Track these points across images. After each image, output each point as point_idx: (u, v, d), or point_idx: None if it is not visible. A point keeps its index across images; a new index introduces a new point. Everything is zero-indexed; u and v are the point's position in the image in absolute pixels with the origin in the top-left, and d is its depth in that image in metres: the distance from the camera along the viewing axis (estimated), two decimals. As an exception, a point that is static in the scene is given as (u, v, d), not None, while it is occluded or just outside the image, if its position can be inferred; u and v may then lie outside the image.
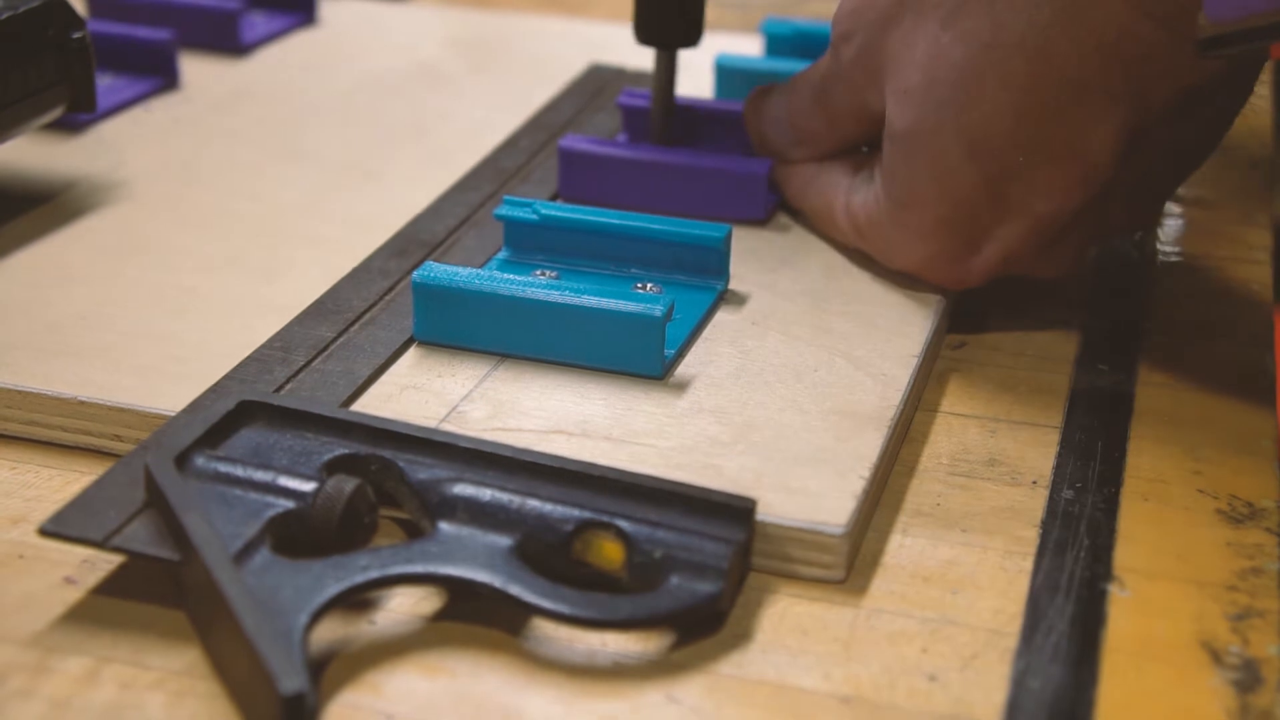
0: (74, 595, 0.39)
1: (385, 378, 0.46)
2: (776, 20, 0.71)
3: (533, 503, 0.39)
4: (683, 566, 0.38)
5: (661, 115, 0.58)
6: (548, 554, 0.38)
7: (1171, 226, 0.61)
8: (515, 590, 0.37)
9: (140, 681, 0.36)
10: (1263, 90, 0.77)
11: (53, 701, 0.35)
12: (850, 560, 0.40)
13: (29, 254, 0.53)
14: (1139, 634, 0.38)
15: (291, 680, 0.33)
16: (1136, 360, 0.51)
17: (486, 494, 0.39)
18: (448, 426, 0.43)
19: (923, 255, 0.50)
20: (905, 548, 0.41)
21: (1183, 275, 0.57)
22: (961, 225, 0.49)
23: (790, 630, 0.38)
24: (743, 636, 0.38)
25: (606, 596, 0.37)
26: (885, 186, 0.50)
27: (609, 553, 0.38)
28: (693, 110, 0.61)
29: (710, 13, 0.85)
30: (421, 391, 0.45)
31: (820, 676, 0.36)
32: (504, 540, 0.38)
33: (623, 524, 0.38)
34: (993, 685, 0.36)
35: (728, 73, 0.67)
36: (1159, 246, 0.59)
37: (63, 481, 0.43)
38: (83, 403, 0.44)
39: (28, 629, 0.37)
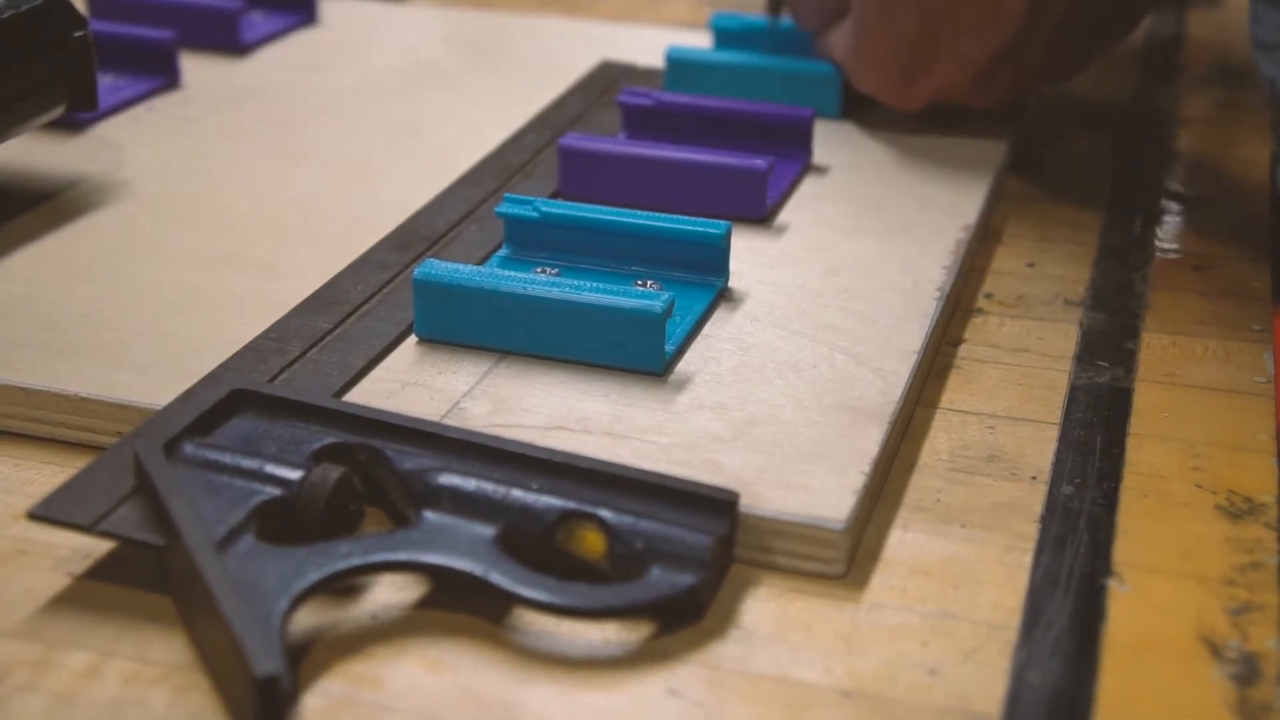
0: (76, 590, 0.39)
1: (387, 374, 0.46)
2: (724, 14, 0.72)
3: (516, 493, 0.39)
4: (664, 557, 0.38)
5: None
6: (531, 544, 0.39)
7: (1171, 225, 0.61)
8: (495, 578, 0.37)
9: (143, 676, 0.36)
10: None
11: (56, 696, 0.35)
12: (851, 555, 0.40)
13: (31, 252, 0.54)
14: (1138, 629, 0.38)
15: (266, 663, 0.33)
16: (1135, 356, 0.51)
17: (471, 484, 0.39)
18: (449, 423, 0.43)
19: (874, 83, 0.63)
20: (905, 543, 0.41)
21: (1183, 274, 0.57)
22: (904, 61, 0.61)
23: (791, 625, 0.38)
24: (744, 631, 0.38)
25: (586, 585, 0.37)
26: (852, 26, 0.63)
27: (591, 543, 0.39)
28: (693, 108, 0.62)
29: (687, 9, 0.85)
30: (423, 388, 0.45)
31: (821, 670, 0.37)
32: (487, 530, 0.39)
33: (605, 514, 0.39)
34: (993, 679, 0.36)
35: (678, 65, 0.67)
36: (1159, 244, 0.59)
37: (65, 478, 0.43)
38: (85, 399, 0.45)
39: (30, 624, 0.37)
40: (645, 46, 0.75)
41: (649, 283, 0.51)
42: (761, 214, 0.56)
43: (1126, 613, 0.39)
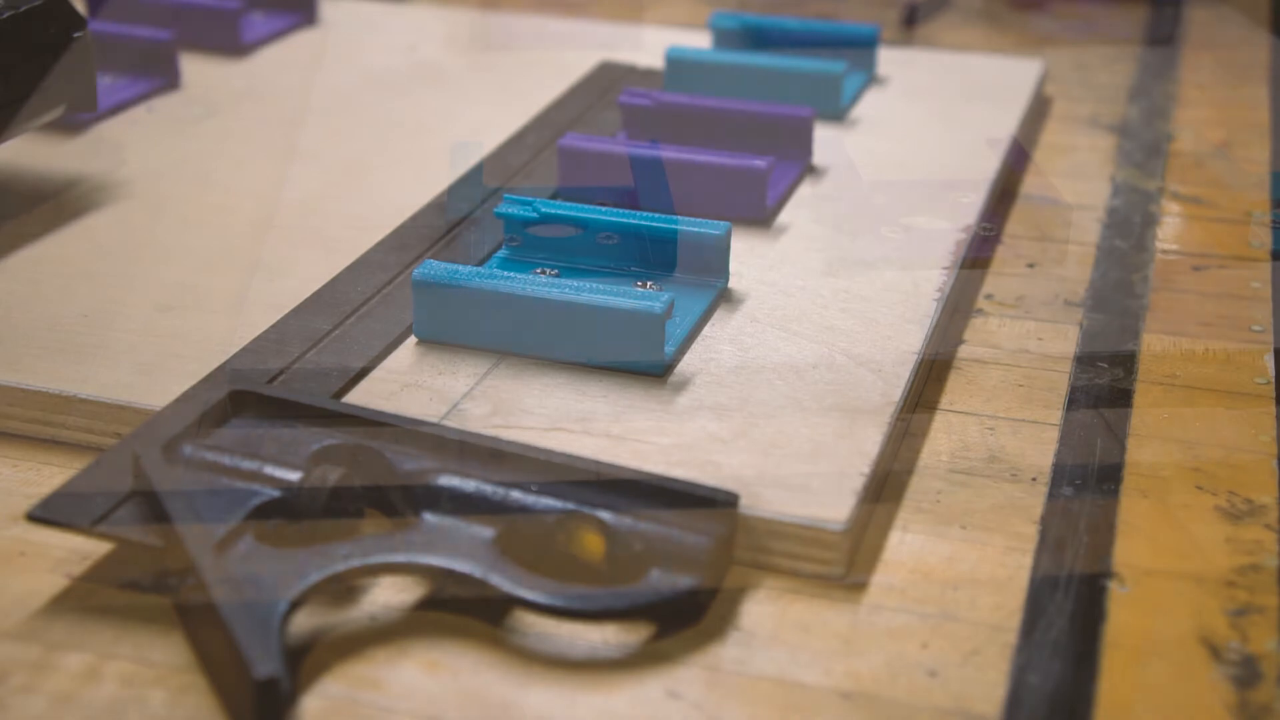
0: (75, 591, 0.39)
1: (386, 375, 0.46)
2: (724, 14, 0.72)
3: (515, 494, 0.39)
4: (663, 558, 0.38)
5: None
6: (530, 545, 0.39)
7: (1171, 225, 0.61)
8: (495, 580, 0.37)
9: (142, 678, 0.36)
10: (1261, 90, 0.78)
11: (55, 698, 0.35)
12: (850, 556, 0.40)
13: (31, 253, 0.53)
14: (1138, 630, 0.38)
15: (265, 665, 0.33)
16: (1135, 357, 0.51)
17: (470, 485, 0.39)
18: (449, 424, 0.43)
19: None
20: (905, 544, 0.41)
21: (1183, 274, 0.57)
22: None
23: (791, 626, 0.38)
24: (744, 632, 0.38)
25: (585, 587, 0.37)
26: None
27: (591, 544, 0.39)
28: (693, 108, 0.62)
29: (688, 9, 0.85)
30: (422, 389, 0.45)
31: (821, 672, 0.37)
32: (486, 531, 0.38)
33: (605, 516, 0.39)
34: (993, 681, 0.36)
35: (678, 65, 0.67)
36: (1159, 244, 0.59)
37: (64, 479, 0.43)
38: (84, 400, 0.45)
39: (29, 625, 0.37)
40: (645, 46, 0.75)
41: (649, 283, 0.50)
42: (761, 214, 0.56)
43: (1126, 614, 0.39)
